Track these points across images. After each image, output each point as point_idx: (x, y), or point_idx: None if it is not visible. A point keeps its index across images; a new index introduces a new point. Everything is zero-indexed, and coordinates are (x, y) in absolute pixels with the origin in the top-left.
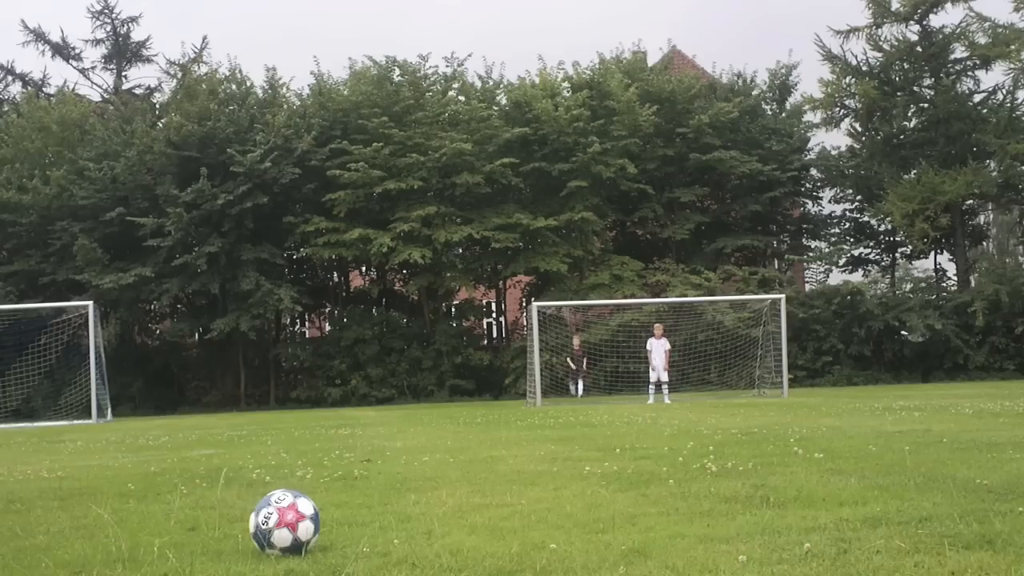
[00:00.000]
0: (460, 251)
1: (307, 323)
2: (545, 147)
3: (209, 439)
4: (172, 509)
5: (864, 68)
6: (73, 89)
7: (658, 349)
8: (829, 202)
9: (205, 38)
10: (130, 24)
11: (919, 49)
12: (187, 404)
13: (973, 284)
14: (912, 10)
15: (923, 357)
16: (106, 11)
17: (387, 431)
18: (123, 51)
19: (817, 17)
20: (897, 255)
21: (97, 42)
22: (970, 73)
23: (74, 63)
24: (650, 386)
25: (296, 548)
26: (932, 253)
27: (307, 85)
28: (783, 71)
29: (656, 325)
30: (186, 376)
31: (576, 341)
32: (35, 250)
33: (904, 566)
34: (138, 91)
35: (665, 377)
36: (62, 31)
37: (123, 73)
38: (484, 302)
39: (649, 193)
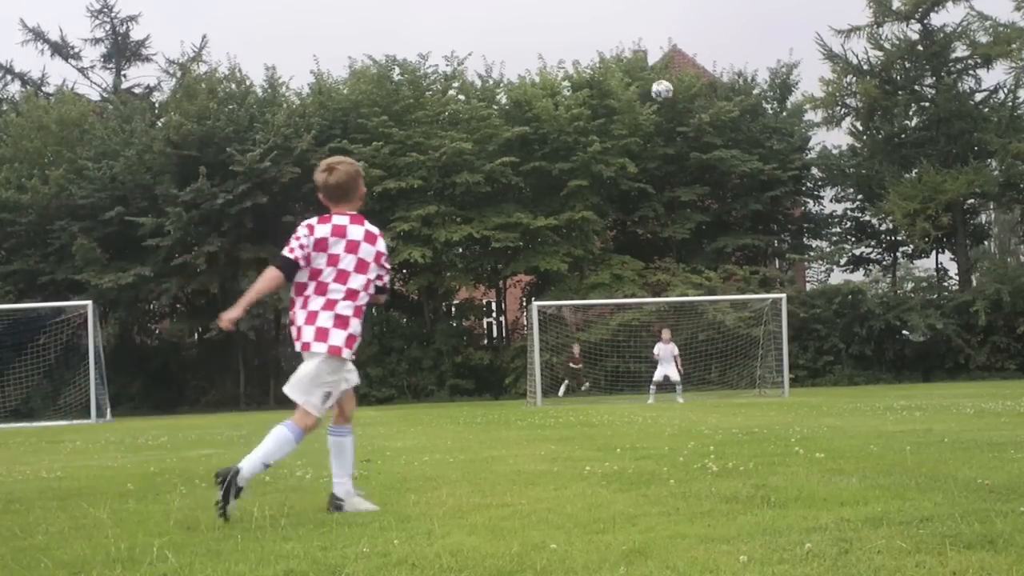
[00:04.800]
0: (460, 250)
1: None
2: (545, 146)
3: (209, 439)
4: (171, 509)
5: (865, 67)
6: (72, 88)
7: (666, 354)
8: (830, 201)
9: (204, 37)
10: (129, 23)
11: (920, 48)
12: (186, 404)
13: (974, 283)
14: (913, 9)
15: (924, 357)
16: (105, 10)
17: (387, 431)
18: (122, 50)
19: (818, 16)
20: (898, 254)
21: (96, 41)
22: (971, 72)
23: (73, 62)
24: (651, 386)
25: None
26: (933, 252)
27: (307, 84)
28: (784, 70)
29: (664, 331)
30: (185, 376)
31: (576, 349)
32: (34, 249)
33: (905, 566)
34: (137, 90)
35: (677, 376)
36: (61, 30)
37: (122, 72)
38: (484, 302)
39: (649, 192)
